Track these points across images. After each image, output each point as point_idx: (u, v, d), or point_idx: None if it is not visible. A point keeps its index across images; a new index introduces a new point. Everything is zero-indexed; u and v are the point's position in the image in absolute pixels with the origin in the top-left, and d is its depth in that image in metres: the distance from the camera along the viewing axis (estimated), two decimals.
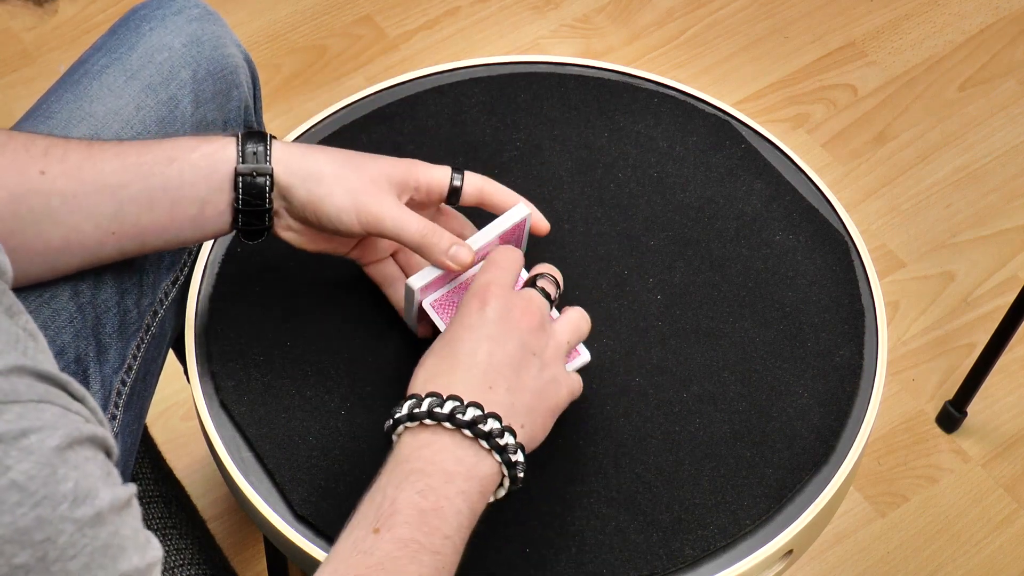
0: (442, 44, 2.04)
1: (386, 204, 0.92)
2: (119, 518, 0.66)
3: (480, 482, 0.82)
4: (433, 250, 0.93)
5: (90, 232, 0.91)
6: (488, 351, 0.85)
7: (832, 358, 1.02)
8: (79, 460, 0.64)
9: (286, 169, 0.92)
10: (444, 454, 0.82)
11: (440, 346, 0.86)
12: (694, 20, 2.08)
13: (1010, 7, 2.09)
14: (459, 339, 0.86)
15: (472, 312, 0.87)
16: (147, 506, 1.05)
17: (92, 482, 0.64)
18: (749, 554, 0.94)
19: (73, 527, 0.62)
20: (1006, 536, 1.61)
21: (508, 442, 0.82)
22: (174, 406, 1.66)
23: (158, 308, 1.04)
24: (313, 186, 0.92)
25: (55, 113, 1.01)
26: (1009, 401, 1.71)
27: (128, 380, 1.01)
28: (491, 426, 0.82)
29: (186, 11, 1.07)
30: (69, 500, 0.63)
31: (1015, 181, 1.90)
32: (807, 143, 1.93)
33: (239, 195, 0.92)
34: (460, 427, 0.82)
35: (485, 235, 0.96)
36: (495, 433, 0.82)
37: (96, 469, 0.65)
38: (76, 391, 0.67)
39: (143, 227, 0.92)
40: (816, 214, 1.09)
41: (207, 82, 1.06)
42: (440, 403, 0.82)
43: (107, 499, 0.65)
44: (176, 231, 0.94)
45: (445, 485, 0.81)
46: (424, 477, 0.81)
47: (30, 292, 0.95)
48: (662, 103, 1.16)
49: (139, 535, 0.67)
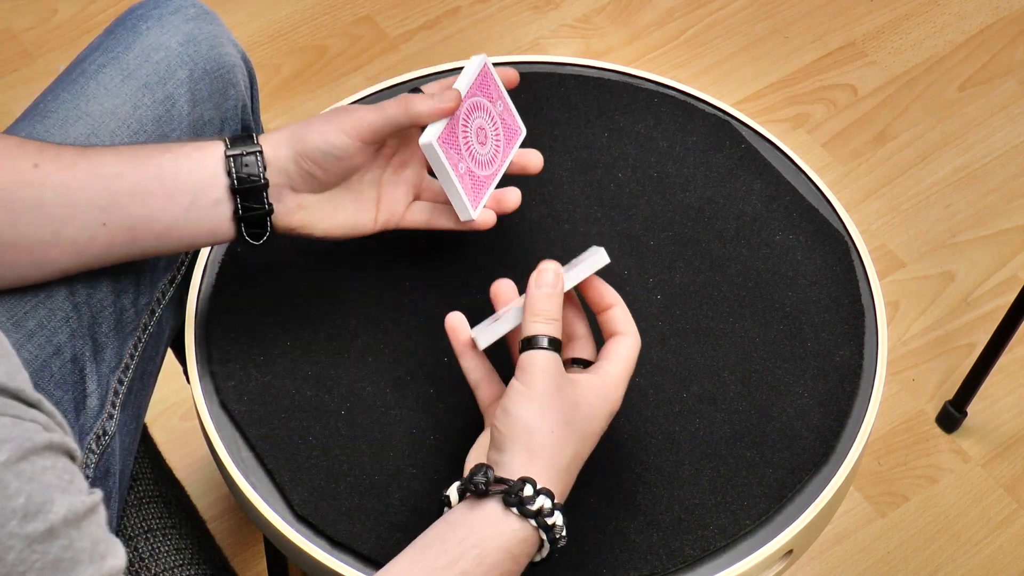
0: (442, 44, 2.04)
1: (362, 110, 0.94)
2: (75, 530, 0.65)
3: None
4: (420, 108, 0.93)
5: (81, 224, 0.91)
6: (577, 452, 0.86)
7: (832, 358, 1.02)
8: (34, 471, 0.63)
9: (268, 143, 0.94)
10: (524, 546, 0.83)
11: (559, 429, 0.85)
12: (694, 20, 2.08)
13: (1010, 7, 2.09)
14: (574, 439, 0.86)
15: (604, 416, 0.87)
16: (147, 506, 1.05)
17: (47, 494, 0.63)
18: (749, 554, 0.94)
19: (22, 544, 0.62)
20: (1006, 536, 1.60)
21: (557, 522, 0.83)
22: (174, 406, 1.66)
23: (155, 307, 1.04)
24: (293, 140, 0.93)
25: (52, 112, 1.01)
26: (1009, 401, 1.71)
27: (125, 379, 1.01)
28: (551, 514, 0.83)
29: (183, 10, 1.07)
30: (19, 516, 0.62)
31: (1015, 181, 1.90)
32: (807, 143, 1.93)
33: (233, 176, 0.92)
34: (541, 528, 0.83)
35: (459, 84, 0.98)
36: (545, 513, 0.83)
37: (54, 478, 0.65)
38: (29, 397, 0.66)
39: (135, 220, 0.92)
40: (816, 214, 1.09)
41: (204, 81, 1.06)
42: (533, 497, 0.82)
43: (62, 512, 0.64)
44: (169, 224, 0.92)
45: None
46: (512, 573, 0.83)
47: (26, 291, 0.94)
48: (662, 103, 1.16)
49: (98, 545, 0.66)
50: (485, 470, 0.83)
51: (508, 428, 0.84)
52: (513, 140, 1.03)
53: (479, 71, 0.99)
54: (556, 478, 0.84)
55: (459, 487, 0.85)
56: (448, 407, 0.99)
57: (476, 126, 0.98)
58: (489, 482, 0.82)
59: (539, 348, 0.85)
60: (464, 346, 0.90)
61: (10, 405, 0.64)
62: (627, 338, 0.89)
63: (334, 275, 1.05)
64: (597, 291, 0.91)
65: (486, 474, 0.83)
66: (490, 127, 1.00)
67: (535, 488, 0.82)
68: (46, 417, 0.66)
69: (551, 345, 0.85)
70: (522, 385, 0.84)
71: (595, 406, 0.86)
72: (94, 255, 0.94)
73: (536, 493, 0.82)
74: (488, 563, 0.81)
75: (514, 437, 0.83)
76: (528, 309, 0.87)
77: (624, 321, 0.90)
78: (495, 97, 1.01)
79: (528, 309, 0.87)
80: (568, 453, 0.85)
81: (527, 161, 1.02)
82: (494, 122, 1.01)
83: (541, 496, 0.82)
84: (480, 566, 0.81)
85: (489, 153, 1.00)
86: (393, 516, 0.94)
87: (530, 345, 0.85)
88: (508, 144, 1.02)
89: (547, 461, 0.83)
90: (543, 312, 0.86)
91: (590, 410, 0.86)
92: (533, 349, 0.85)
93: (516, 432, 0.83)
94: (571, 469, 0.86)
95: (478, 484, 0.82)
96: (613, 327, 0.90)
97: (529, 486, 0.82)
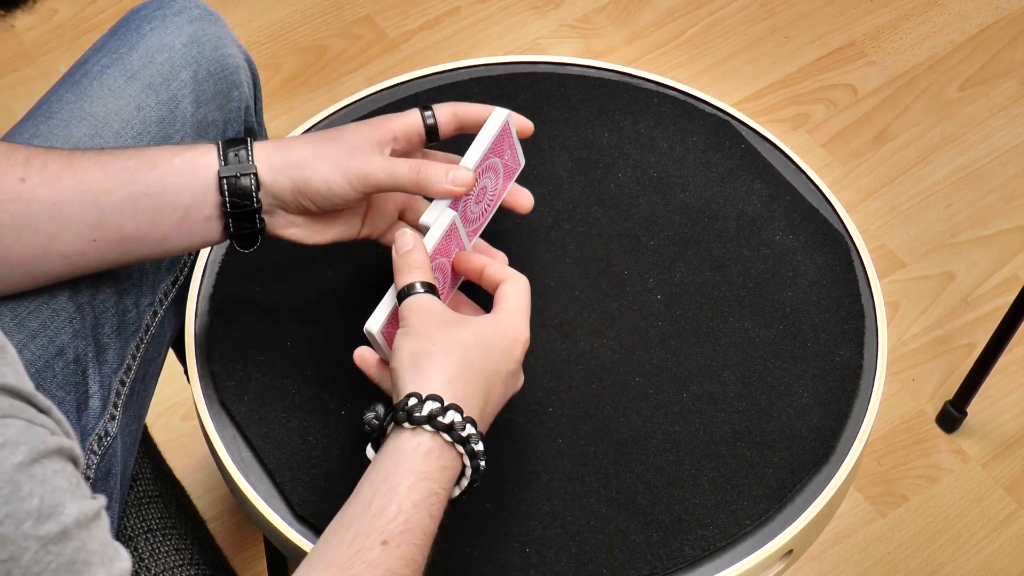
0: (442, 44, 2.04)
1: (372, 160, 0.92)
2: (86, 532, 0.65)
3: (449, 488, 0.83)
4: (431, 182, 0.91)
5: (70, 240, 0.91)
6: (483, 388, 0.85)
7: (832, 358, 1.02)
8: (46, 474, 0.64)
9: (266, 165, 0.92)
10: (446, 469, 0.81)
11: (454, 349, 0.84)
12: (694, 20, 2.08)
13: (1010, 7, 2.09)
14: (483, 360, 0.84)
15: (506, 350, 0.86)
16: (147, 506, 1.05)
17: (59, 497, 0.64)
18: (749, 554, 0.94)
19: (38, 544, 0.62)
20: (1006, 536, 1.61)
21: (454, 420, 0.81)
22: (174, 406, 1.66)
23: (158, 308, 1.04)
24: (295, 173, 0.91)
25: (56, 113, 1.01)
26: (1009, 401, 1.71)
27: (127, 380, 1.01)
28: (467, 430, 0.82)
29: (186, 11, 1.07)
30: (34, 517, 0.62)
31: (1015, 181, 1.90)
32: (807, 143, 1.93)
33: (226, 199, 0.91)
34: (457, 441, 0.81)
35: (475, 151, 0.94)
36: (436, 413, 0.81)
37: (64, 482, 0.65)
38: (41, 403, 0.66)
39: (125, 235, 0.91)
40: (816, 214, 1.09)
41: (208, 82, 1.06)
42: (420, 404, 0.81)
43: (74, 514, 0.65)
44: (160, 238, 0.92)
45: (442, 503, 0.81)
46: (436, 498, 0.80)
47: (29, 292, 0.94)
48: (662, 103, 1.16)
49: (106, 548, 0.67)
50: (373, 406, 0.83)
51: (395, 365, 0.83)
52: (511, 177, 1.00)
53: (500, 130, 0.95)
54: (447, 384, 0.82)
55: (370, 443, 0.84)
56: None
57: (479, 187, 0.95)
58: (379, 415, 0.82)
59: (414, 294, 0.86)
60: (376, 368, 0.90)
61: (24, 409, 0.64)
62: (511, 280, 0.89)
63: (334, 275, 1.05)
64: (464, 261, 0.91)
65: (374, 409, 0.83)
66: (492, 183, 0.97)
67: (420, 397, 0.80)
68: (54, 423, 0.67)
69: (424, 288, 0.86)
70: (402, 328, 0.85)
71: (491, 339, 0.85)
72: (86, 265, 0.93)
73: (422, 401, 0.80)
74: (400, 492, 0.78)
75: (402, 370, 0.83)
76: (395, 271, 0.88)
77: (501, 271, 0.90)
78: (505, 148, 0.97)
79: (395, 271, 0.88)
80: (456, 360, 0.83)
81: (517, 202, 1.00)
82: (497, 176, 0.98)
83: (429, 402, 0.80)
84: (394, 498, 0.78)
85: (482, 207, 0.97)
86: None
87: (406, 295, 0.86)
88: (505, 183, 0.99)
89: (434, 372, 0.82)
90: (408, 265, 0.87)
91: (486, 341, 0.85)
92: (408, 296, 0.86)
93: (402, 362, 0.83)
94: (466, 376, 0.83)
95: (370, 422, 0.82)
96: (494, 280, 0.90)
97: (414, 398, 0.80)
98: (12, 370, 0.66)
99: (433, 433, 0.80)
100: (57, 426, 0.67)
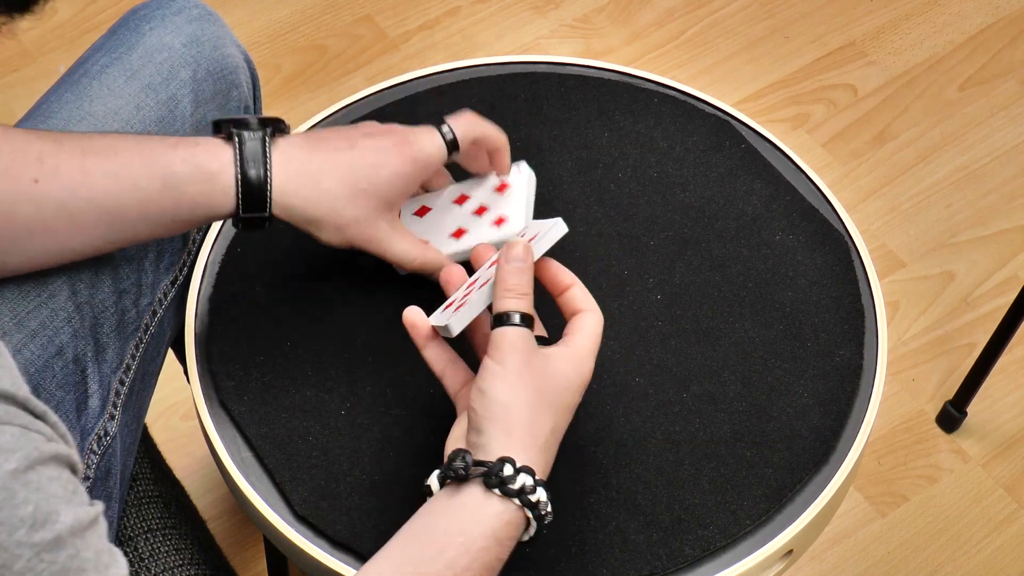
0: (442, 44, 2.04)
1: (380, 233, 0.96)
2: (80, 540, 0.65)
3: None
4: (433, 267, 0.97)
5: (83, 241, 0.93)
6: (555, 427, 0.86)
7: (832, 358, 1.02)
8: (41, 481, 0.64)
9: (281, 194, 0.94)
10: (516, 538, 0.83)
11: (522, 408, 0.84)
12: (694, 20, 2.08)
13: (1010, 7, 2.09)
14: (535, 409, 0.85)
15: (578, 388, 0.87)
16: (147, 506, 1.05)
17: (54, 504, 0.64)
18: (749, 554, 0.94)
19: (31, 552, 0.62)
20: (1006, 536, 1.60)
21: (540, 498, 0.83)
22: (174, 406, 1.66)
23: (157, 308, 1.04)
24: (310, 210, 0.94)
25: (55, 113, 1.01)
26: (1009, 401, 1.71)
27: (127, 380, 1.01)
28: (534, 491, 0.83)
29: (186, 11, 1.07)
30: (27, 525, 0.62)
31: (1015, 181, 1.90)
32: (807, 143, 1.93)
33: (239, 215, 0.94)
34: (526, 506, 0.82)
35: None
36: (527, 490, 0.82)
37: (59, 489, 0.65)
38: (36, 408, 0.66)
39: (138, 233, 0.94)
40: (816, 214, 1.09)
41: (207, 82, 1.06)
42: (514, 476, 0.82)
43: (68, 521, 0.64)
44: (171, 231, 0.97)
45: (502, 563, 0.83)
46: (501, 562, 0.82)
47: (28, 292, 0.95)
48: (662, 103, 1.16)
49: (102, 555, 0.66)
50: (463, 455, 0.82)
51: (484, 409, 0.83)
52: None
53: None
54: (536, 454, 0.83)
55: (439, 475, 0.84)
56: (448, 406, 0.98)
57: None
58: (468, 466, 0.82)
59: (511, 325, 0.84)
60: (425, 339, 0.90)
61: (19, 415, 0.64)
62: (591, 314, 0.88)
63: (334, 275, 1.05)
64: (553, 272, 0.90)
65: (464, 459, 0.82)
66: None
67: (515, 467, 0.81)
68: (50, 429, 0.66)
69: (523, 321, 0.84)
70: (495, 364, 0.84)
71: (569, 378, 0.86)
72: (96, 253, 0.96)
73: (517, 471, 0.81)
74: (475, 550, 0.80)
75: (491, 417, 0.83)
76: (499, 285, 0.86)
77: (585, 299, 0.89)
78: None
79: (499, 285, 0.86)
80: (546, 428, 0.84)
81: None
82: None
83: (522, 474, 0.81)
84: (467, 554, 0.80)
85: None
86: (393, 516, 0.94)
87: (502, 322, 0.84)
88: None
89: (525, 438, 0.83)
90: (514, 288, 0.86)
91: (565, 382, 0.85)
92: (505, 326, 0.84)
93: (493, 412, 0.83)
94: (550, 444, 0.85)
95: (457, 470, 0.82)
96: (574, 305, 0.89)
97: (509, 465, 0.81)
98: (7, 374, 0.65)
99: (519, 507, 0.82)
100: (53, 431, 0.66)
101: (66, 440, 0.68)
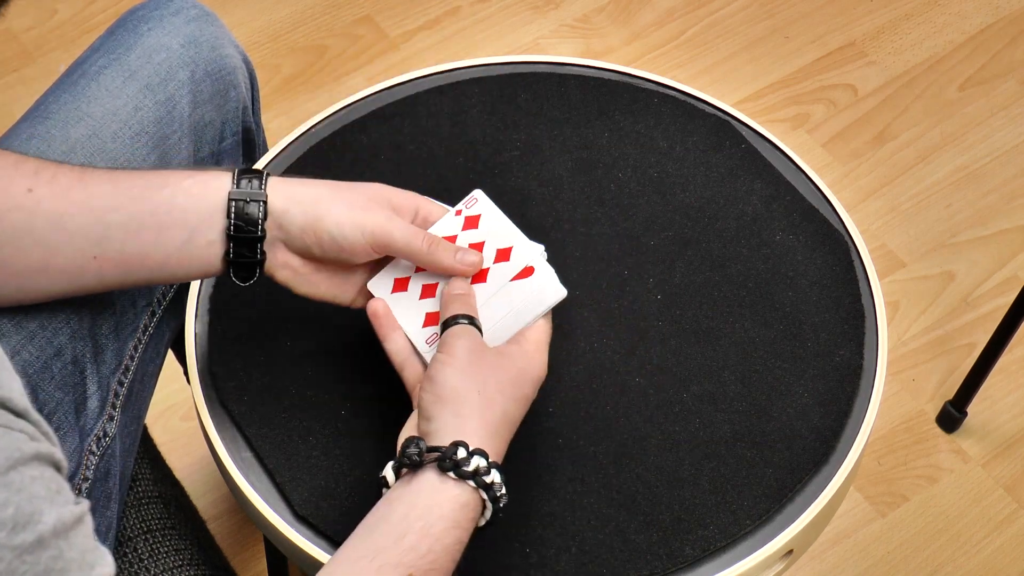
0: (442, 44, 2.04)
1: (392, 220, 0.92)
2: (64, 540, 0.64)
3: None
4: (442, 258, 0.92)
5: (71, 255, 0.89)
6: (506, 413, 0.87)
7: (832, 358, 1.02)
8: (23, 481, 0.63)
9: (282, 195, 0.90)
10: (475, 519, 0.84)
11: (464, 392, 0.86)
12: (694, 20, 2.08)
13: (1010, 7, 2.09)
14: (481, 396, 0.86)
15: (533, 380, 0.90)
16: (147, 506, 1.05)
17: (36, 504, 0.63)
18: (749, 554, 0.94)
19: (11, 554, 0.62)
20: (1006, 536, 1.60)
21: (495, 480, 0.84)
22: (174, 406, 1.66)
23: (156, 309, 1.04)
24: (309, 207, 0.90)
25: (53, 113, 1.01)
26: (1009, 401, 1.71)
27: (126, 381, 1.01)
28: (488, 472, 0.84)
29: (184, 12, 1.07)
30: (8, 527, 0.62)
31: (1015, 181, 1.90)
32: (807, 143, 1.93)
33: (231, 221, 0.89)
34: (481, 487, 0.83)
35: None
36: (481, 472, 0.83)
37: (42, 489, 0.64)
38: (16, 406, 0.65)
39: (127, 255, 0.89)
40: (816, 214, 1.09)
41: (205, 83, 1.06)
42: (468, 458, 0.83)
43: (51, 521, 0.64)
44: (161, 261, 0.90)
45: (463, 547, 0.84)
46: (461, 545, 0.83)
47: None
48: (662, 103, 1.16)
49: (86, 555, 0.66)
50: (416, 442, 0.83)
51: (435, 396, 0.85)
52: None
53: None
54: (488, 438, 0.84)
55: (394, 465, 0.85)
56: None
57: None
58: (422, 452, 0.83)
59: (457, 324, 0.88)
60: (389, 329, 0.92)
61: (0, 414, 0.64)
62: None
63: None
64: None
65: (417, 444, 0.83)
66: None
67: (468, 450, 0.82)
68: (32, 427, 0.66)
69: (469, 322, 0.89)
70: (444, 355, 0.87)
71: (519, 367, 0.88)
72: (83, 285, 0.92)
73: (470, 454, 0.82)
74: (434, 534, 0.81)
75: (441, 404, 0.85)
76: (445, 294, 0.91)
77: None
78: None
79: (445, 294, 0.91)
80: (496, 413, 0.86)
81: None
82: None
83: (476, 456, 0.83)
84: (427, 538, 0.81)
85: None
86: None
87: (449, 324, 0.89)
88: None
89: (477, 422, 0.84)
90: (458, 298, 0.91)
91: (515, 371, 0.88)
92: (452, 326, 0.88)
93: (443, 398, 0.85)
94: (501, 429, 0.86)
95: (411, 456, 0.83)
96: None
97: (462, 448, 0.82)
98: None
99: (474, 489, 0.83)
100: (36, 429, 0.66)
101: (49, 438, 0.67)
